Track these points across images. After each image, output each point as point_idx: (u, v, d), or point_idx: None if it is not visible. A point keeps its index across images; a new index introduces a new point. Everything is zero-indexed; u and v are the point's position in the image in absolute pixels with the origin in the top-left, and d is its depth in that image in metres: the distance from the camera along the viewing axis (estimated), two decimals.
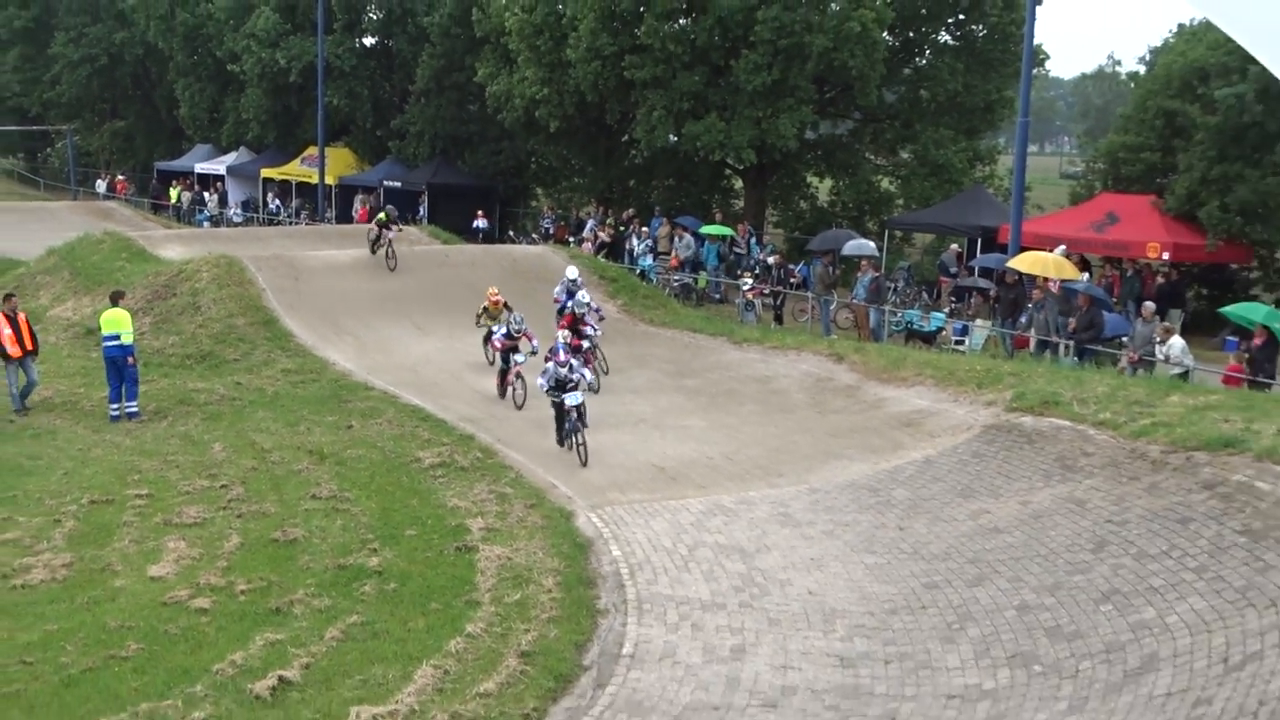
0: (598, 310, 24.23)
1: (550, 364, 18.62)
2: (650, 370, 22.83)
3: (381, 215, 30.93)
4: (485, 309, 24.34)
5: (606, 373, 23.19)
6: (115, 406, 21.17)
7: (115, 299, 22.06)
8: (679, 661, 12.13)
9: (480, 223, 43.35)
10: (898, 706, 10.69)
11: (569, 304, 23.94)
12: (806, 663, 11.79)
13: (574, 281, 25.39)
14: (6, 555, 14.82)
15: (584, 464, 17.81)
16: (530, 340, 21.69)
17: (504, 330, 22.06)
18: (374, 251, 30.62)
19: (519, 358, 21.59)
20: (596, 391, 21.21)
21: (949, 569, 13.16)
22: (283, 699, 11.35)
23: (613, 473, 17.49)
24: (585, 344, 22.17)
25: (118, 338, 21.22)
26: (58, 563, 14.54)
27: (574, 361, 18.75)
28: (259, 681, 11.58)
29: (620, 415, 20.27)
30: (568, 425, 18.34)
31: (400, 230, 31.14)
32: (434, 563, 14.61)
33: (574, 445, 18.13)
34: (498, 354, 22.47)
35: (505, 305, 23.97)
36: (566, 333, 20.98)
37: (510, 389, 21.84)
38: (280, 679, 11.67)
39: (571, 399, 18.14)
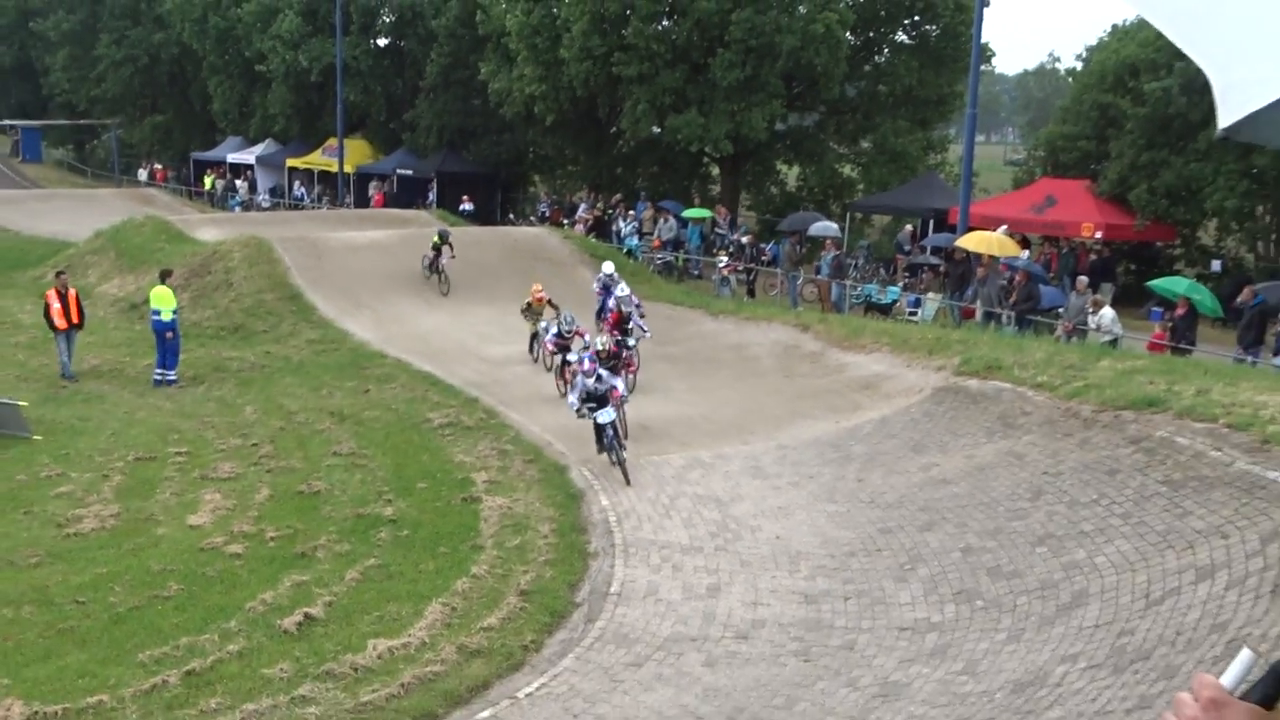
0: (639, 305, 21.19)
1: (578, 377, 16.18)
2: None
3: (435, 238, 28.13)
4: (529, 304, 22.26)
5: (631, 390, 19.35)
6: (159, 373, 21.16)
7: (164, 277, 21.98)
8: (661, 599, 12.20)
9: (466, 205, 43.29)
10: (855, 638, 10.77)
11: (609, 302, 21.65)
12: (774, 599, 11.86)
13: (610, 276, 23.31)
14: (61, 507, 14.85)
15: (627, 483, 15.05)
16: (582, 337, 19.12)
17: (555, 331, 19.55)
18: (428, 275, 28.05)
19: (573, 356, 18.75)
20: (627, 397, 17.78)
21: (902, 516, 13.23)
22: (308, 633, 11.41)
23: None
24: (631, 342, 19.55)
25: (159, 313, 21.18)
26: (106, 513, 14.57)
27: (603, 372, 16.20)
28: (287, 618, 11.64)
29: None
30: (605, 440, 15.59)
31: (454, 255, 27.86)
32: (442, 512, 14.66)
33: (614, 462, 15.44)
34: (551, 355, 20.20)
35: (549, 302, 22.01)
36: (604, 338, 18.45)
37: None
38: (306, 615, 11.73)
39: (604, 416, 15.43)
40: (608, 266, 24.28)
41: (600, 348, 17.15)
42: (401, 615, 11.80)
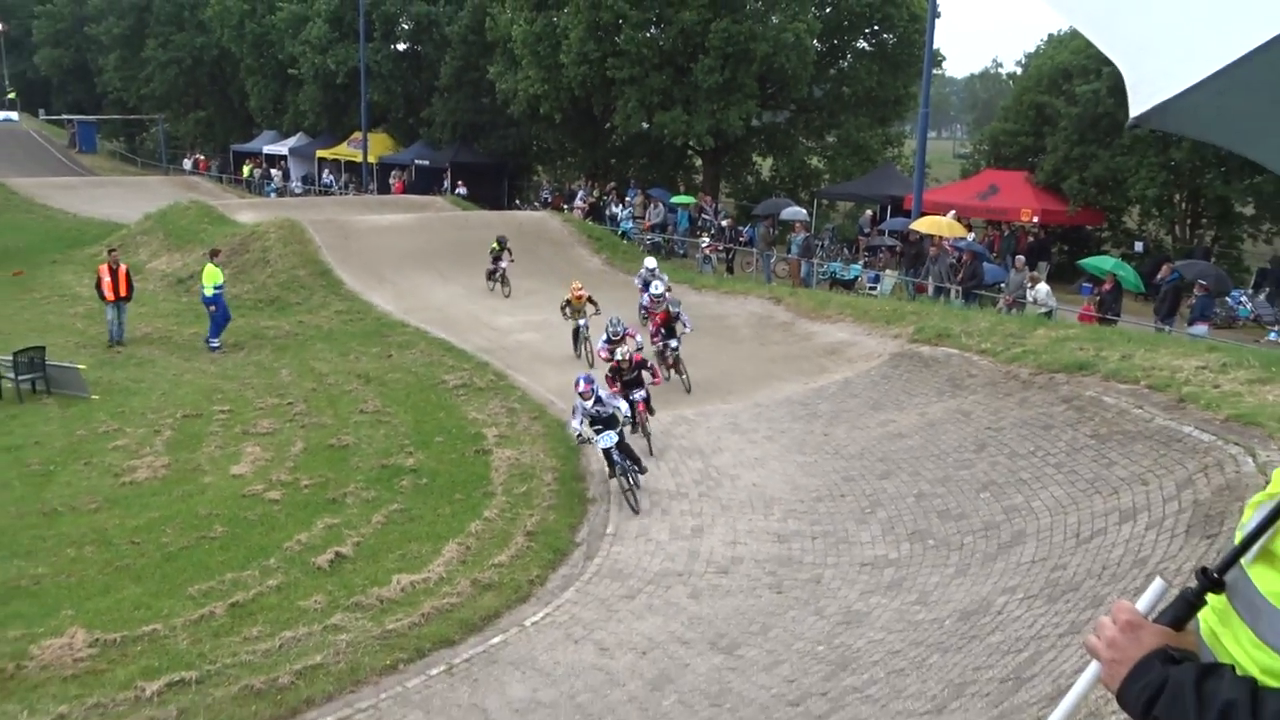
0: (678, 302, 19.04)
1: (576, 401, 13.48)
2: (626, 311, 22.70)
3: (494, 244, 25.64)
4: (568, 301, 19.82)
5: (688, 390, 17.37)
6: (216, 340, 21.05)
7: (212, 256, 21.84)
8: (651, 539, 12.23)
9: (461, 189, 43.21)
10: (822, 572, 10.82)
11: (645, 299, 19.94)
12: (751, 539, 11.90)
13: (652, 271, 21.49)
14: (117, 458, 14.81)
15: (635, 511, 12.85)
16: (634, 338, 16.41)
17: (604, 338, 16.51)
18: (491, 283, 25.71)
19: (619, 354, 16.11)
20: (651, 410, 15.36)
21: (862, 466, 13.26)
22: (339, 569, 11.43)
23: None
24: (675, 343, 17.57)
25: (204, 288, 21.08)
26: (158, 464, 14.55)
27: (602, 393, 13.57)
28: (320, 556, 11.67)
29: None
30: (614, 465, 13.15)
31: (513, 260, 25.48)
32: (457, 462, 14.66)
33: (625, 488, 13.09)
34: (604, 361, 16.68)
35: (589, 299, 19.82)
36: (626, 348, 15.48)
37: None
38: (337, 554, 11.75)
39: (604, 440, 13.05)
40: (649, 262, 22.57)
41: (620, 357, 14.98)
42: (422, 554, 11.83)
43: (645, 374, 15.17)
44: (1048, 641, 7.62)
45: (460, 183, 44.04)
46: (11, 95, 67.03)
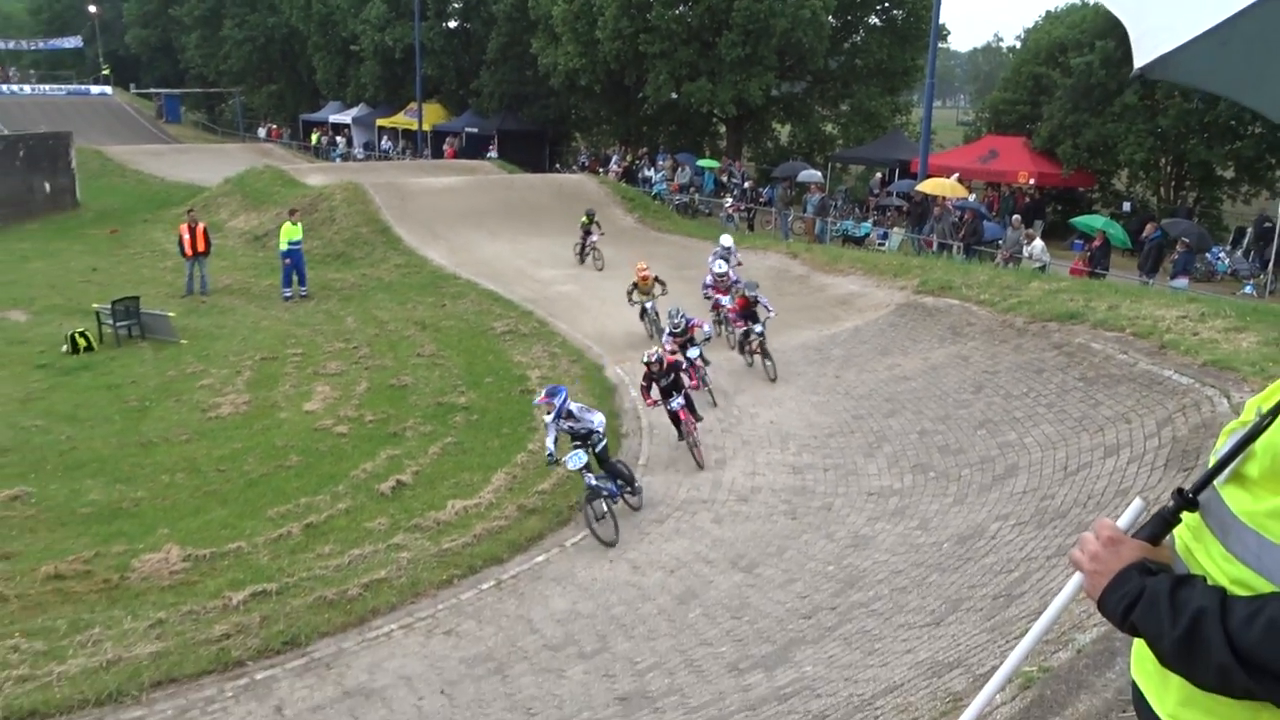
0: (754, 285, 15.99)
1: (548, 419, 10.88)
2: (658, 264, 22.57)
3: (584, 218, 23.32)
4: (635, 285, 17.50)
5: (773, 379, 14.74)
6: (288, 290, 21.13)
7: (290, 214, 21.87)
8: (679, 470, 12.26)
9: (491, 152, 42.98)
10: (832, 501, 10.80)
11: (709, 278, 17.38)
12: (768, 470, 11.89)
13: (728, 250, 18.57)
14: (204, 396, 14.98)
15: (608, 544, 10.47)
16: (702, 328, 14.73)
17: (666, 333, 14.32)
18: (582, 258, 23.23)
19: (694, 352, 13.97)
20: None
21: (870, 405, 13.18)
22: (400, 495, 11.54)
23: (630, 338, 17.49)
24: (759, 328, 15.01)
25: (280, 243, 21.14)
26: (239, 401, 14.70)
27: (573, 407, 10.98)
28: (383, 483, 11.79)
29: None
30: (588, 491, 10.68)
31: (603, 233, 23.25)
32: (505, 401, 14.72)
33: (591, 519, 10.61)
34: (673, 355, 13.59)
35: (657, 279, 17.48)
36: (660, 346, 13.62)
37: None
38: (398, 481, 11.86)
39: (573, 462, 10.58)
40: (725, 239, 19.37)
41: (649, 360, 12.31)
42: (473, 482, 11.91)
43: (683, 376, 12.64)
44: (1036, 563, 7.59)
45: (489, 147, 43.72)
46: (106, 71, 67.01)
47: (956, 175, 26.69)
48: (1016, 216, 23.35)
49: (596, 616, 9.17)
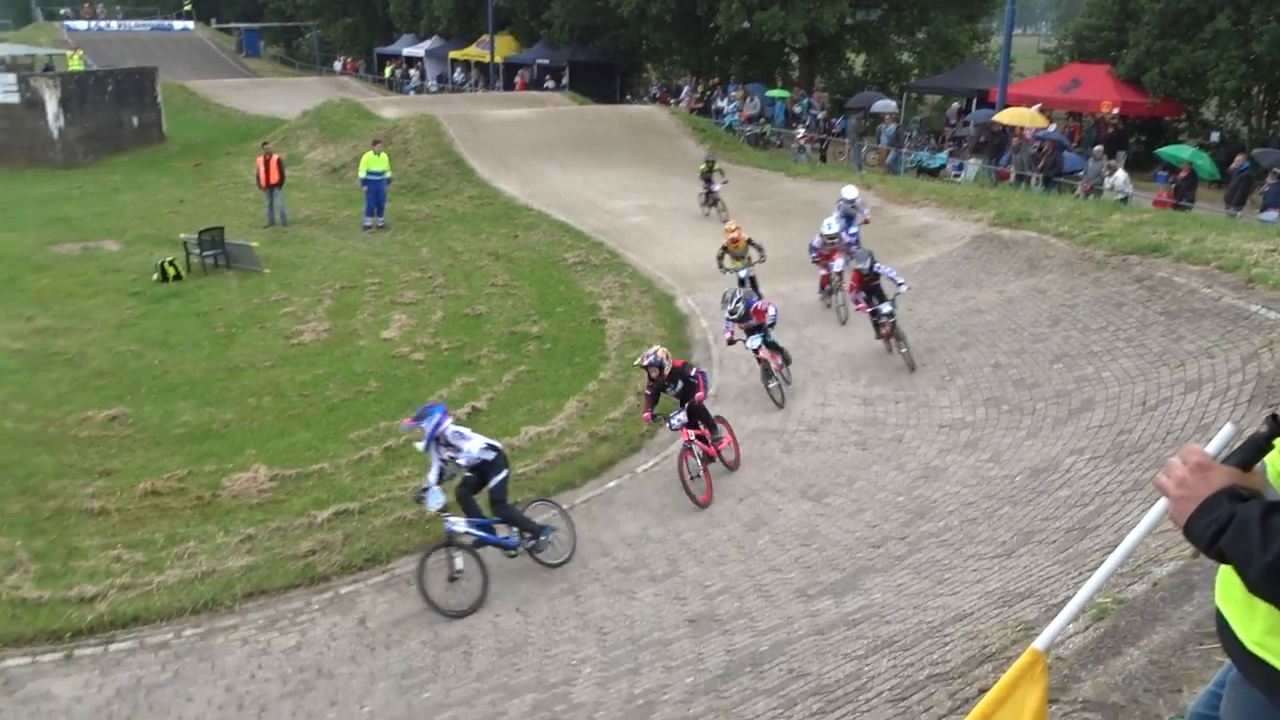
0: (868, 254, 12.78)
1: (419, 446, 8.92)
2: (728, 195, 22.27)
3: (703, 166, 21.33)
4: (725, 249, 14.86)
5: (912, 368, 12.09)
6: (369, 220, 21.36)
7: (374, 145, 22.03)
8: (748, 399, 12.23)
9: (549, 83, 42.52)
10: (903, 433, 10.69)
11: (817, 240, 14.68)
12: (839, 402, 11.80)
13: (851, 203, 16.18)
14: (286, 324, 15.30)
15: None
16: (768, 312, 12.01)
17: (728, 313, 11.80)
18: (705, 208, 21.12)
19: (755, 341, 11.85)
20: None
21: (943, 338, 12.95)
22: (475, 420, 11.70)
23: (700, 269, 17.35)
24: (887, 309, 12.36)
25: (370, 173, 21.31)
26: (321, 328, 14.99)
27: (451, 430, 8.73)
28: (459, 409, 11.94)
29: (707, 228, 19.96)
30: (432, 552, 8.68)
31: (725, 180, 21.14)
32: (576, 330, 14.79)
33: (422, 591, 8.45)
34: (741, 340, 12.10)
35: (750, 242, 14.75)
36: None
37: (774, 381, 11.90)
38: (473, 407, 12.04)
39: (433, 500, 8.67)
40: (848, 190, 16.64)
41: (646, 364, 10.13)
42: (546, 409, 12.04)
43: (679, 384, 10.25)
44: (1112, 497, 7.44)
45: (549, 77, 43.35)
46: (188, 7, 67.64)
47: (1038, 105, 25.76)
48: (1099, 147, 22.48)
49: (667, 541, 9.26)
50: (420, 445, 8.83)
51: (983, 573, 6.69)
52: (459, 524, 8.76)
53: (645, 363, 10.18)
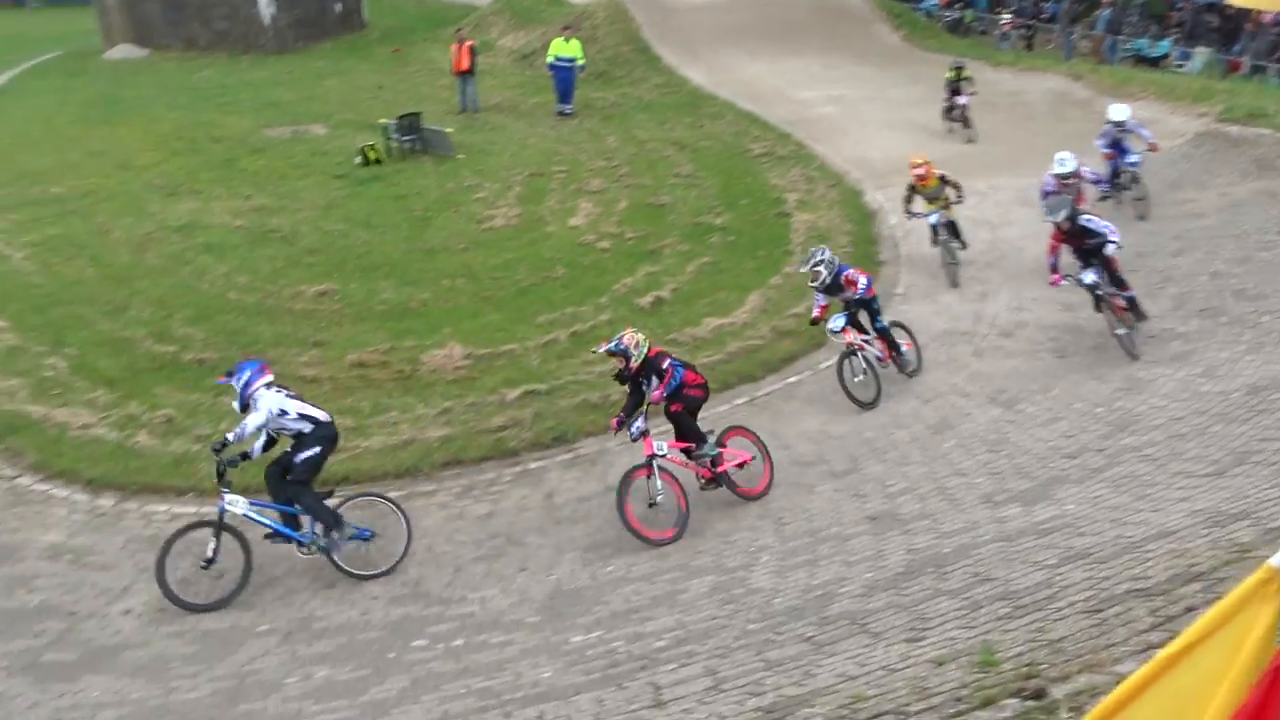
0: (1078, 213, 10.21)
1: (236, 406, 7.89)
2: (921, 86, 21.13)
3: (949, 73, 18.52)
4: (913, 188, 12.31)
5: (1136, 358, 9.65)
6: (561, 107, 21.54)
7: (563, 30, 22.05)
8: (937, 301, 11.85)
9: None
10: (1105, 341, 10.10)
11: (1050, 181, 12.06)
12: (1035, 305, 11.28)
13: (1119, 125, 13.18)
14: (478, 208, 15.73)
15: None
16: (858, 283, 9.86)
17: (817, 287, 9.92)
18: (949, 122, 18.40)
19: (837, 322, 9.88)
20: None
21: (1155, 243, 12.08)
22: (658, 310, 11.85)
23: (891, 163, 16.65)
24: (1090, 278, 9.80)
25: (559, 59, 21.39)
26: (511, 214, 15.34)
27: (264, 399, 7.62)
28: (642, 298, 12.13)
29: (899, 120, 19.08)
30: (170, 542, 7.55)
31: (975, 91, 18.31)
32: (760, 223, 14.59)
33: (166, 593, 7.44)
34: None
35: (944, 179, 12.20)
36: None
37: (853, 372, 9.84)
38: (656, 297, 12.17)
39: (235, 504, 7.72)
40: (1116, 110, 13.50)
41: (610, 350, 8.34)
42: (728, 301, 12.03)
43: (652, 381, 8.38)
44: None
45: None
46: None
47: None
48: None
49: (848, 438, 9.20)
50: (237, 405, 7.78)
51: (1190, 491, 6.33)
52: (241, 503, 7.65)
53: (605, 349, 8.31)
